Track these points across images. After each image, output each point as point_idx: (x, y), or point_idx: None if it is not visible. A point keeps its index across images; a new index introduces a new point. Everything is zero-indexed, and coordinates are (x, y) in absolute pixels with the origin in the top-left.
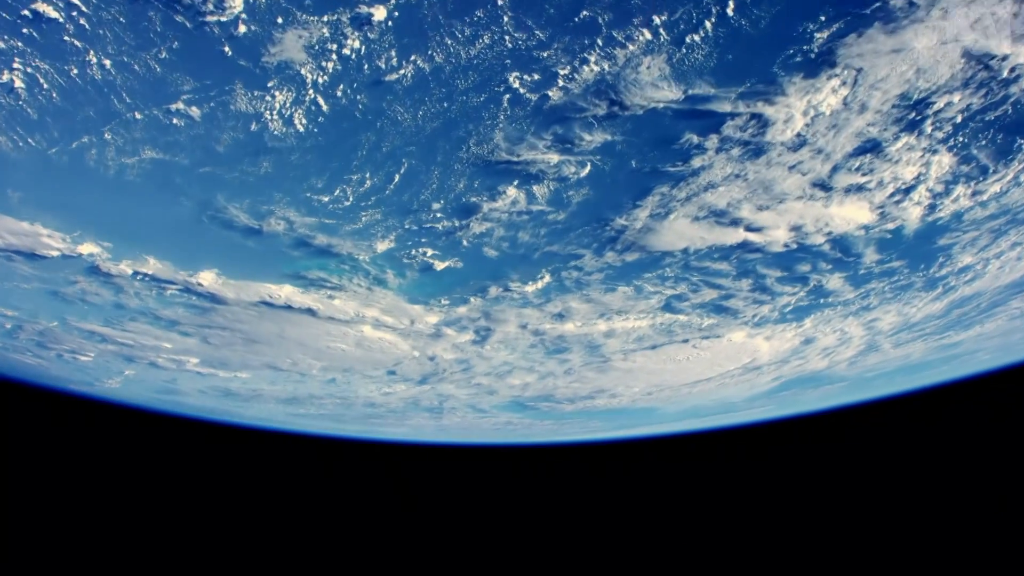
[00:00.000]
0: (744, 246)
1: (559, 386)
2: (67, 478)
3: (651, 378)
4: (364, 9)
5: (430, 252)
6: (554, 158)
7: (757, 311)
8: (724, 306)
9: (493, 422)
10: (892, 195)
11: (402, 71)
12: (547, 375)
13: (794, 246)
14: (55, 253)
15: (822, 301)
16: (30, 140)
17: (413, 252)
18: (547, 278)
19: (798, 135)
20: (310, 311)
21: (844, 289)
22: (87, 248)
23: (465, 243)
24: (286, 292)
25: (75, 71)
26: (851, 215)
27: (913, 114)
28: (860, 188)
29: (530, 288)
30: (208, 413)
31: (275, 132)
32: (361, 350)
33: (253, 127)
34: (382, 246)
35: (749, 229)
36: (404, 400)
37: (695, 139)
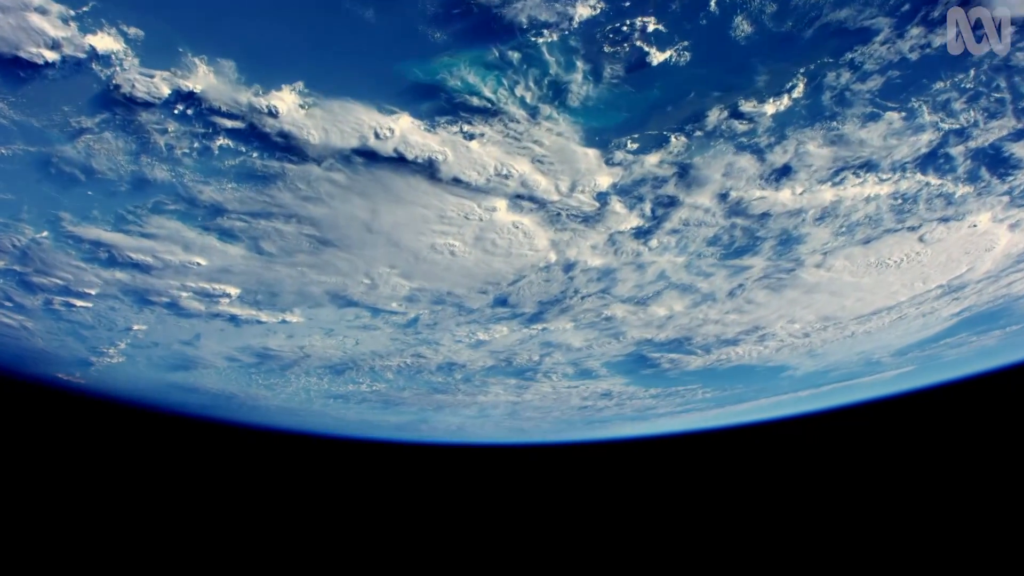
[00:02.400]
0: None
1: (707, 320)
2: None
3: (826, 305)
4: None
5: (652, 26)
6: None
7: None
8: (1003, 155)
9: (586, 394)
10: None
11: None
12: (705, 298)
13: None
14: (51, 56)
15: None
16: None
17: (624, 26)
18: (800, 87)
19: None
20: (430, 166)
21: None
22: (103, 42)
23: (713, 5)
24: (402, 128)
25: None
26: None
27: None
28: None
29: (770, 108)
30: (227, 404)
31: None
32: (478, 252)
33: None
34: (582, 11)
35: None
36: (495, 356)
37: None
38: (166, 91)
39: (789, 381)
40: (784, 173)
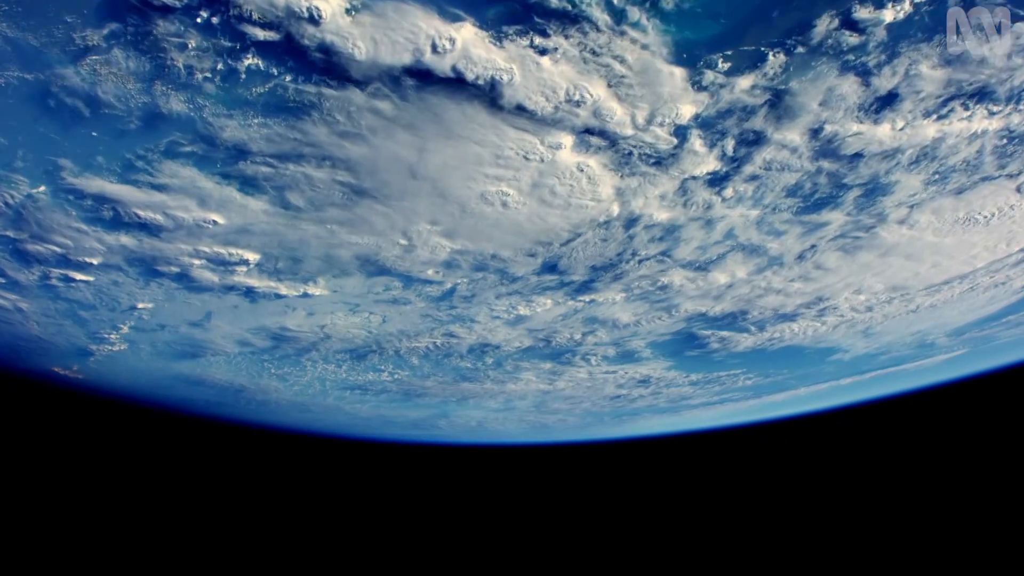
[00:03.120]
0: None
1: (769, 289)
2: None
3: (899, 272)
4: None
5: None
6: None
7: None
8: None
9: (623, 380)
10: None
11: None
12: (771, 263)
13: None
14: None
15: None
16: None
17: None
18: None
19: None
20: (492, 89)
21: None
22: None
23: None
24: (464, 40)
25: None
26: None
27: None
28: None
29: (888, 15)
30: (234, 399)
31: None
32: (533, 203)
33: None
34: None
35: None
36: (533, 335)
37: None
38: None
39: (835, 366)
40: (887, 103)
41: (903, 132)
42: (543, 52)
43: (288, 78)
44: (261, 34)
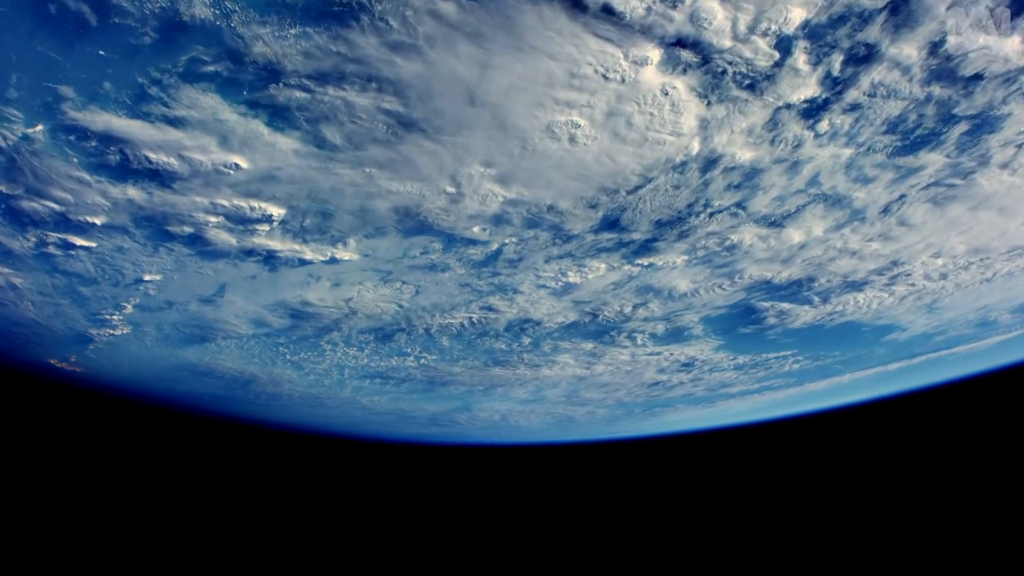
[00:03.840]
0: None
1: (844, 250)
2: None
3: (987, 230)
4: None
5: None
6: None
7: None
8: None
9: (667, 363)
10: None
11: None
12: (852, 217)
13: None
14: None
15: None
16: None
17: None
18: None
19: None
20: None
21: None
22: None
23: None
24: None
25: None
26: None
27: None
28: None
29: None
30: (243, 391)
31: None
32: (605, 137)
33: None
34: None
35: None
36: (580, 308)
37: None
38: None
39: (888, 348)
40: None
41: None
42: None
43: None
44: None
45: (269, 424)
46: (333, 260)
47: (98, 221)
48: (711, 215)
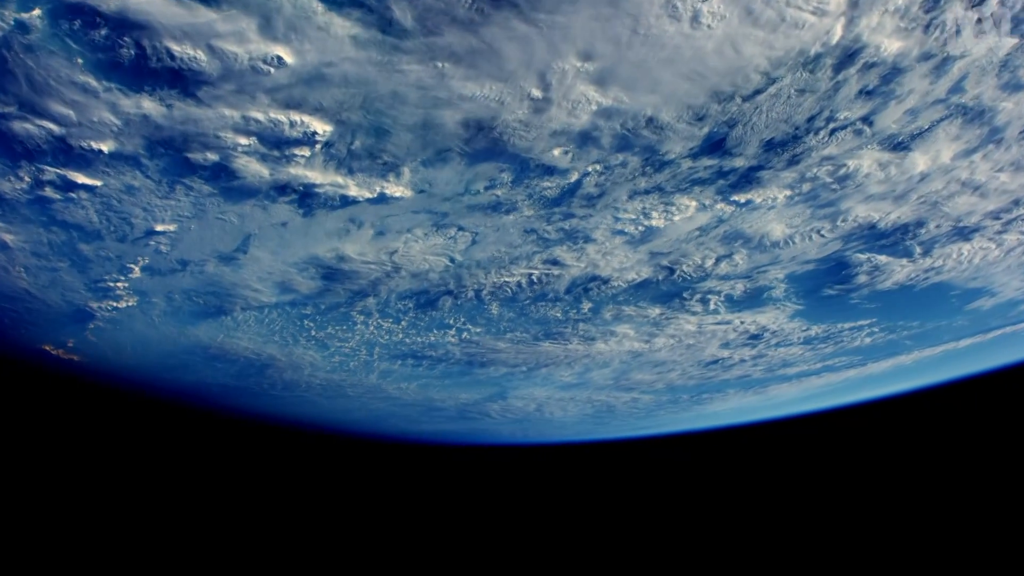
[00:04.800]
0: None
1: (967, 184)
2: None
3: None
4: None
5: None
6: None
7: None
8: None
9: (733, 335)
10: None
11: None
12: (986, 140)
13: None
14: None
15: None
16: None
17: None
18: None
19: None
20: None
21: None
22: None
23: None
24: None
25: None
26: None
27: None
28: None
29: None
30: (257, 378)
31: None
32: (733, 17)
33: None
34: None
35: None
36: (655, 260)
37: None
38: None
39: (970, 318)
40: None
41: None
42: None
43: None
44: None
45: (282, 421)
46: (381, 198)
47: (105, 148)
48: (832, 132)
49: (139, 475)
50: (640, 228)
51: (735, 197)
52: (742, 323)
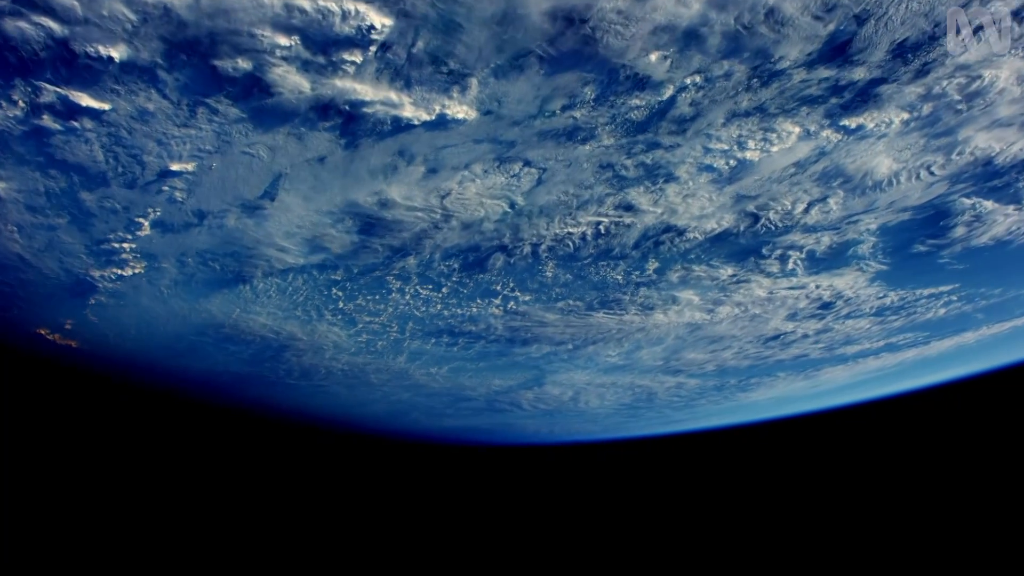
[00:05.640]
0: None
1: None
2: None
3: None
4: None
5: None
6: None
7: None
8: None
9: (804, 303)
10: None
11: None
12: None
13: None
14: None
15: None
16: None
17: None
18: None
19: None
20: None
21: None
22: None
23: None
24: None
25: None
26: None
27: None
28: None
29: None
30: (271, 364)
31: None
32: None
33: None
34: None
35: None
36: (738, 206)
37: None
38: None
39: None
40: None
41: None
42: None
43: None
44: None
45: (295, 415)
46: (440, 121)
47: (116, 55)
48: (976, 31)
49: (139, 475)
50: (731, 163)
51: (845, 122)
52: (817, 288)
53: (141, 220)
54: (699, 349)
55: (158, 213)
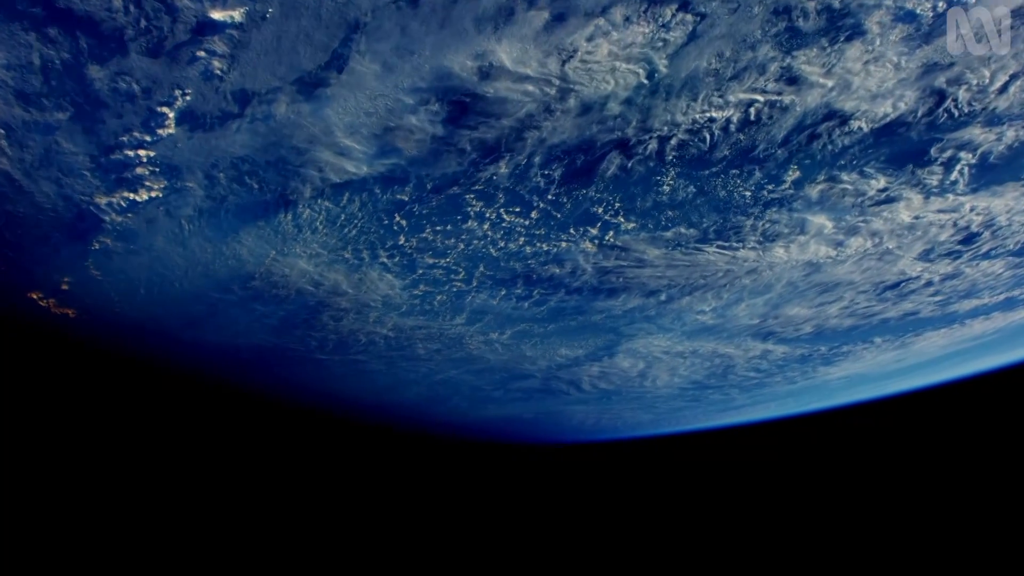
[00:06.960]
0: None
1: None
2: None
3: None
4: None
5: None
6: None
7: None
8: None
9: (952, 230)
10: None
11: None
12: None
13: None
14: None
15: None
16: None
17: None
18: None
19: None
20: None
21: None
22: None
23: None
24: None
25: None
26: None
27: None
28: None
29: None
30: (304, 329)
31: None
32: None
33: None
34: None
35: None
36: (928, 78)
37: None
38: None
39: None
40: None
41: None
42: None
43: None
44: None
45: (319, 403)
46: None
47: None
48: None
49: (140, 474)
50: (940, 5)
51: None
52: (971, 210)
53: (165, 110)
54: (806, 302)
55: (188, 98)
